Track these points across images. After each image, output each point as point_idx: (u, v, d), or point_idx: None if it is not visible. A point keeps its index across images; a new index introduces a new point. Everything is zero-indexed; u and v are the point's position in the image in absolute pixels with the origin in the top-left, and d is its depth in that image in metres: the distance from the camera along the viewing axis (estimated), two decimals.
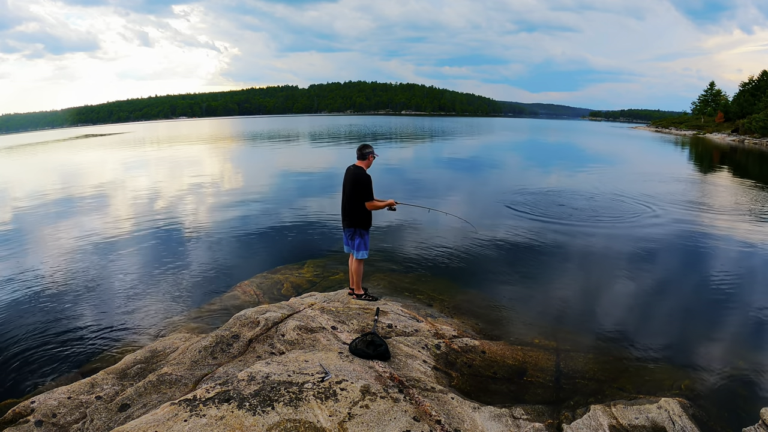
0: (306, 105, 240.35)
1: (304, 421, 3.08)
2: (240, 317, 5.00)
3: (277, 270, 7.79)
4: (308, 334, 4.67)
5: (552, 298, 6.77)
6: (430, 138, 49.49)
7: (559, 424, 3.65)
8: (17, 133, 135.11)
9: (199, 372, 4.10)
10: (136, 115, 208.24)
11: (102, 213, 12.94)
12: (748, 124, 51.76)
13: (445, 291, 6.83)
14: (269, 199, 14.53)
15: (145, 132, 79.41)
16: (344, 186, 5.44)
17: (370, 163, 5.45)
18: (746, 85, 64.64)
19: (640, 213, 12.09)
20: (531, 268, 7.99)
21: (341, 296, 5.87)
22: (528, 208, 12.56)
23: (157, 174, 22.15)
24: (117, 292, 7.06)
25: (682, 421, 3.62)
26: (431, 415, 3.38)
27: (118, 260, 8.62)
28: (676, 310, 6.38)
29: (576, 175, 20.40)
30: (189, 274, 7.82)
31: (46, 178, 21.81)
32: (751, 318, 6.06)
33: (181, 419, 3.00)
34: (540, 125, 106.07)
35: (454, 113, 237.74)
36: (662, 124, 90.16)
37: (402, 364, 4.23)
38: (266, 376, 3.58)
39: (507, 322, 5.80)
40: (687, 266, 8.24)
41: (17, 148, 50.98)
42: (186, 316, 6.14)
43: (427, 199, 13.85)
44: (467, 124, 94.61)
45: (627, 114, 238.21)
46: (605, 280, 7.51)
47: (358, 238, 5.44)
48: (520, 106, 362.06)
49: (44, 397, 3.73)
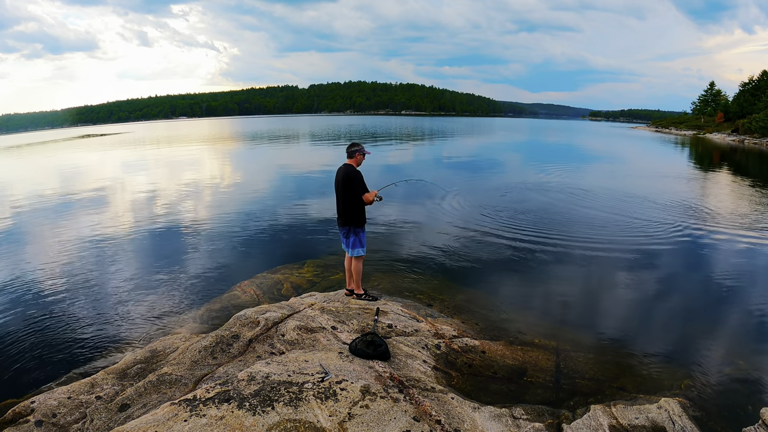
0: (306, 105, 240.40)
1: (304, 421, 3.08)
2: (240, 317, 5.00)
3: (277, 270, 7.79)
4: (308, 334, 4.67)
5: (552, 298, 6.77)
6: (430, 138, 49.49)
7: (559, 424, 3.65)
8: (17, 133, 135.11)
9: (199, 372, 4.10)
10: (136, 115, 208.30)
11: (102, 213, 12.94)
12: (748, 124, 51.75)
13: (445, 291, 6.83)
14: (269, 199, 14.53)
15: (145, 132, 79.44)
16: (336, 186, 5.53)
17: (360, 161, 5.53)
18: (746, 85, 64.61)
19: (640, 213, 12.08)
20: (531, 268, 7.98)
21: (341, 296, 5.87)
22: (528, 208, 12.56)
23: (157, 174, 22.16)
24: (117, 292, 7.06)
25: (682, 421, 3.62)
26: (431, 415, 3.38)
27: (118, 260, 8.62)
28: (676, 310, 6.38)
29: (576, 175, 20.39)
30: (189, 274, 7.82)
31: (46, 178, 21.81)
32: (751, 318, 6.07)
33: (181, 419, 3.00)
34: (540, 125, 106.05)
35: (454, 113, 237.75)
36: (662, 124, 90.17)
37: (402, 364, 4.23)
38: (266, 376, 3.58)
39: (507, 322, 5.79)
40: (687, 266, 8.24)
41: (17, 148, 50.98)
42: (186, 316, 6.14)
43: (427, 199, 13.86)
44: (468, 124, 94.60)
45: (627, 114, 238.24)
46: (605, 280, 7.50)
47: (353, 236, 5.50)
48: (520, 106, 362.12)
49: (44, 397, 3.73)
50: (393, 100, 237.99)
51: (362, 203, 5.45)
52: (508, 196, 14.44)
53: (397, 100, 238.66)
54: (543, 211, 12.23)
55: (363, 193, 5.37)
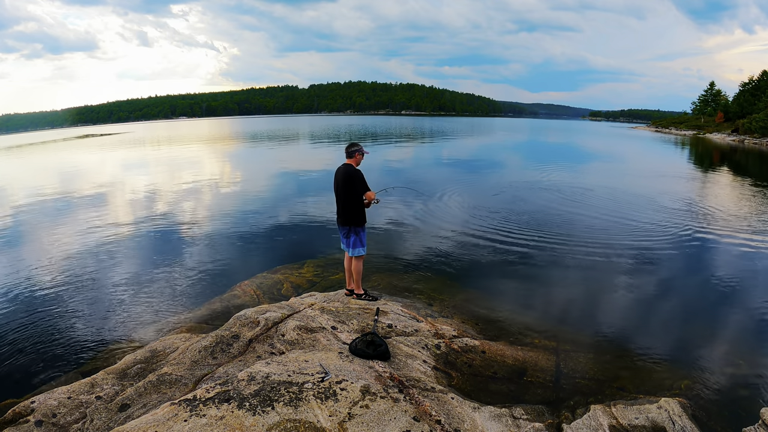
0: (306, 105, 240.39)
1: (304, 421, 3.08)
2: (240, 317, 5.00)
3: (277, 270, 7.79)
4: (308, 334, 4.67)
5: (552, 297, 6.77)
6: (430, 138, 49.48)
7: (559, 424, 3.65)
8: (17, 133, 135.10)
9: (199, 372, 4.10)
10: (136, 115, 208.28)
11: (102, 213, 12.93)
12: (748, 124, 51.75)
13: (445, 291, 6.83)
14: (269, 199, 14.53)
15: (145, 132, 79.41)
16: (336, 186, 5.54)
17: (359, 161, 5.54)
18: (746, 85, 64.62)
19: (640, 213, 12.08)
20: (531, 268, 7.98)
21: (341, 296, 5.87)
22: (528, 208, 12.56)
23: (157, 174, 22.15)
24: (117, 291, 7.06)
25: (682, 421, 3.62)
26: (431, 415, 3.38)
27: (118, 260, 8.62)
28: (676, 310, 6.38)
29: (577, 174, 20.39)
30: (189, 274, 7.82)
31: (46, 177, 21.80)
32: (751, 318, 6.06)
33: (181, 419, 3.00)
34: (540, 125, 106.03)
35: (454, 113, 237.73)
36: (662, 124, 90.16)
37: (402, 364, 4.23)
38: (266, 376, 3.58)
39: (507, 322, 5.79)
40: (687, 266, 8.23)
41: (18, 148, 50.98)
42: (186, 316, 6.14)
43: (427, 199, 13.86)
44: (468, 125, 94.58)
45: (627, 114, 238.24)
46: (605, 280, 7.50)
47: (354, 236, 5.51)
48: (520, 106, 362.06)
49: (44, 397, 3.73)
50: (393, 100, 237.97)
51: (362, 203, 5.46)
52: (508, 196, 14.43)
53: (397, 100, 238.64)
54: (543, 211, 12.23)
55: (365, 192, 5.40)
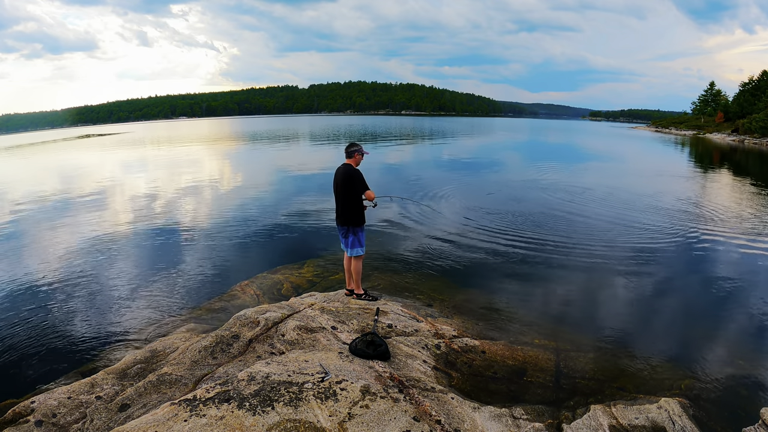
0: (306, 105, 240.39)
1: (304, 421, 3.08)
2: (240, 317, 5.00)
3: (277, 270, 7.79)
4: (308, 334, 4.67)
5: (552, 298, 6.77)
6: (430, 138, 49.47)
7: (559, 424, 3.65)
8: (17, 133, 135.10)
9: (199, 372, 4.10)
10: (136, 115, 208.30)
11: (102, 213, 12.93)
12: (748, 124, 51.76)
13: (445, 291, 6.83)
14: (269, 199, 14.53)
15: (145, 132, 79.42)
16: (335, 186, 5.54)
17: (358, 161, 5.55)
18: (746, 85, 64.62)
19: (641, 213, 12.08)
20: (531, 268, 7.98)
21: (341, 296, 5.87)
22: (529, 208, 12.55)
23: (157, 174, 22.14)
24: (117, 292, 7.06)
25: (682, 421, 3.62)
26: (431, 415, 3.38)
27: (118, 260, 8.61)
28: (677, 310, 6.38)
29: (577, 174, 20.38)
30: (189, 274, 7.82)
31: (46, 177, 21.82)
32: (751, 318, 6.06)
33: (181, 419, 3.00)
34: (540, 125, 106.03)
35: (454, 113, 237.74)
36: (662, 124, 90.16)
37: (402, 364, 4.23)
38: (266, 376, 3.58)
39: (507, 322, 5.79)
40: (687, 266, 8.23)
41: (18, 148, 50.98)
42: (186, 316, 6.14)
43: (427, 201, 13.85)
44: (468, 125, 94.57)
45: (627, 114, 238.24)
46: (605, 280, 7.50)
47: (352, 236, 5.52)
48: (520, 106, 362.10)
49: (44, 397, 3.73)
50: (393, 100, 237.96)
51: (362, 203, 5.47)
52: (507, 196, 14.43)
53: (397, 100, 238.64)
54: (543, 211, 12.23)
55: (364, 191, 5.41)
